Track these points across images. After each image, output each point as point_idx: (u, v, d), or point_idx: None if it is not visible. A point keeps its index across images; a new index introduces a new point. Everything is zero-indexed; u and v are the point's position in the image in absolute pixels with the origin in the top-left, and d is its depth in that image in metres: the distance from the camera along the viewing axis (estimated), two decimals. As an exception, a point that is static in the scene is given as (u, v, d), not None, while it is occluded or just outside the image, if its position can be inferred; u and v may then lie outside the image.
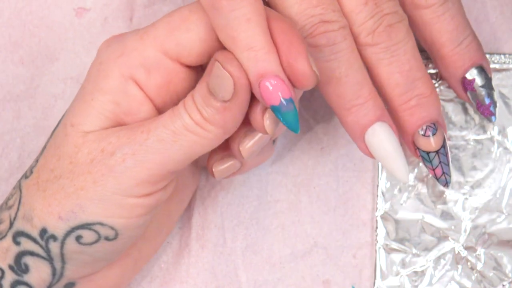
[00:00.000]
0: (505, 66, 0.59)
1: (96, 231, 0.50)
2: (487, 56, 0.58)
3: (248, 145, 0.52)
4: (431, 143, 0.54)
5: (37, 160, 0.52)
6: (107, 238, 0.51)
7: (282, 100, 0.47)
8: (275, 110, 0.48)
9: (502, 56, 0.59)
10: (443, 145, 0.54)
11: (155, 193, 0.50)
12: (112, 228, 0.50)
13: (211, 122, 0.48)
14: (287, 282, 0.59)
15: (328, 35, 0.50)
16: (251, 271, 0.59)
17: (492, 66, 0.59)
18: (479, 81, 0.55)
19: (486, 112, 0.56)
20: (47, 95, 0.60)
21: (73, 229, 0.50)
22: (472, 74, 0.55)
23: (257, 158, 0.55)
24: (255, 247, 0.59)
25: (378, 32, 0.51)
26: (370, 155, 0.53)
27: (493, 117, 0.57)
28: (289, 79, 0.48)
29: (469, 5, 0.60)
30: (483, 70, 0.55)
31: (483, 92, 0.56)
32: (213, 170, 0.54)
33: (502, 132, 0.59)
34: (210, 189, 0.60)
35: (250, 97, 0.49)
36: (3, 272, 0.51)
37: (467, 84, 0.55)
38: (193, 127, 0.48)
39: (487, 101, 0.56)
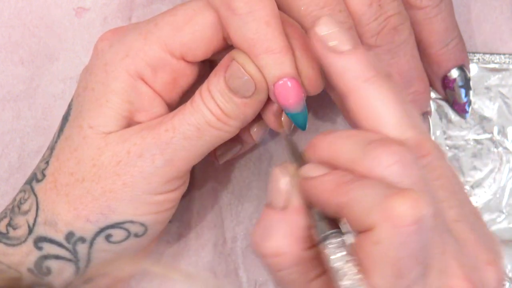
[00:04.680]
0: (505, 66, 0.59)
1: (126, 229, 0.50)
2: (487, 56, 0.58)
3: (259, 130, 0.53)
4: None
5: (47, 162, 0.51)
6: (136, 235, 0.51)
7: (296, 101, 0.48)
8: (287, 110, 0.49)
9: (502, 56, 0.59)
10: None
11: (181, 186, 0.51)
12: (142, 224, 0.51)
13: (232, 117, 0.49)
14: (287, 282, 0.59)
15: None
16: (251, 271, 0.59)
17: (492, 66, 0.59)
18: (459, 80, 0.57)
19: (462, 110, 0.58)
20: (47, 95, 0.60)
21: (102, 230, 0.50)
22: (454, 74, 0.57)
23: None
24: (255, 247, 0.59)
25: (383, 35, 0.52)
26: None
27: (466, 114, 0.58)
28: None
29: (469, 5, 0.60)
30: (463, 71, 0.57)
31: (461, 91, 0.57)
32: (218, 155, 0.55)
33: (502, 132, 0.59)
34: (210, 190, 0.59)
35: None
36: (20, 275, 0.51)
37: (448, 83, 0.57)
38: (215, 123, 0.49)
39: (464, 99, 0.58)
